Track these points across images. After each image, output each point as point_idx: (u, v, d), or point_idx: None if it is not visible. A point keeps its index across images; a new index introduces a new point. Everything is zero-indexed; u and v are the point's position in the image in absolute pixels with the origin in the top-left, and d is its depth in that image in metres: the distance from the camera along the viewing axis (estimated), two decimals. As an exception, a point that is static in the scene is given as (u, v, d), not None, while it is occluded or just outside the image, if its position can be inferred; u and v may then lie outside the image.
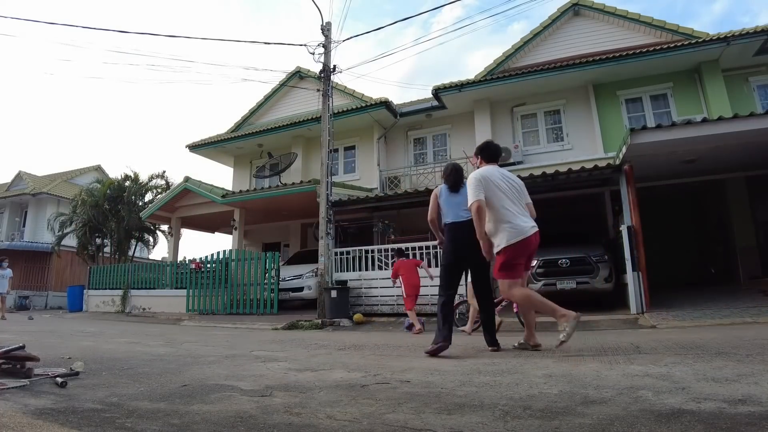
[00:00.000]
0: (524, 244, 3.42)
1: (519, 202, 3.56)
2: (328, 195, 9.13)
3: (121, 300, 12.53)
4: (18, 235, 21.04)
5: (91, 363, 3.12)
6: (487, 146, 3.85)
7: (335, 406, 1.94)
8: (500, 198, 3.47)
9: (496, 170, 3.65)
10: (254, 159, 14.83)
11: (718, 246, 11.05)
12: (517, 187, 3.64)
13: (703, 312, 6.28)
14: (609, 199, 9.71)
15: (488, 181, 3.51)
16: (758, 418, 1.55)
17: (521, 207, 3.55)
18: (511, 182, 3.63)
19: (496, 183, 3.52)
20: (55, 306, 18.06)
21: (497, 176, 3.58)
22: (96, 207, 15.53)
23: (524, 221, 3.46)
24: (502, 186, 3.53)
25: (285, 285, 10.42)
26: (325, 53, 9.50)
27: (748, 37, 9.20)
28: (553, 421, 1.62)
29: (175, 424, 1.66)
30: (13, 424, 1.65)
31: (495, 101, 11.68)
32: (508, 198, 3.49)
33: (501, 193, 3.48)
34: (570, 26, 11.68)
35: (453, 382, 2.42)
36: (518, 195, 3.60)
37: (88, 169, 23.74)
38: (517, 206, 3.51)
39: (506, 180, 3.61)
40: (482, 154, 3.81)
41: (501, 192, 3.49)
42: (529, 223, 3.47)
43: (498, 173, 3.62)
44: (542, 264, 7.92)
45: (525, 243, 3.42)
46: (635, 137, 6.82)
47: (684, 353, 3.24)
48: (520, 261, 3.49)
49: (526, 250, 3.48)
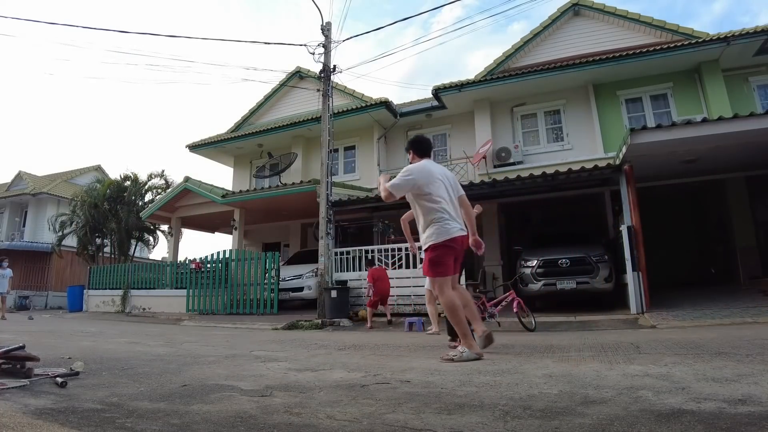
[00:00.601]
0: (451, 243, 3.36)
1: (454, 200, 3.49)
2: (328, 195, 9.13)
3: (121, 300, 12.53)
4: (18, 235, 21.05)
5: (91, 363, 3.12)
6: (419, 141, 3.73)
7: (335, 406, 1.94)
8: (438, 194, 3.39)
9: (433, 165, 3.56)
10: (254, 159, 14.83)
11: (718, 246, 11.05)
12: (452, 183, 3.56)
13: (703, 312, 6.29)
14: (609, 199, 9.71)
15: (428, 175, 3.42)
16: (758, 418, 1.55)
17: (455, 206, 3.48)
18: (447, 178, 3.54)
19: (437, 178, 3.45)
20: (55, 306, 18.07)
21: (437, 172, 3.50)
22: (96, 207, 15.53)
23: (454, 223, 3.40)
24: (442, 182, 3.46)
25: (285, 285, 10.42)
26: (325, 53, 9.50)
27: (748, 37, 9.20)
28: (553, 421, 1.62)
29: (175, 424, 1.66)
30: (13, 424, 1.65)
31: (495, 101, 11.68)
32: (443, 196, 3.41)
33: (439, 190, 3.41)
34: (570, 26, 11.68)
35: (453, 382, 2.42)
36: (453, 191, 3.53)
37: (88, 169, 23.74)
38: (451, 205, 3.45)
39: (443, 176, 3.52)
40: (414, 148, 3.70)
41: (439, 188, 3.41)
42: (457, 225, 3.42)
43: (436, 169, 3.53)
44: (542, 264, 7.92)
45: (452, 242, 3.36)
46: (635, 137, 6.82)
47: (684, 353, 3.24)
48: (449, 260, 3.41)
49: (453, 250, 3.41)
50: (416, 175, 3.42)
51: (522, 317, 6.01)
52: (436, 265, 3.38)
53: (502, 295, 6.46)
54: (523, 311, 6.01)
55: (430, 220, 3.40)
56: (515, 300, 6.02)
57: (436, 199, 3.38)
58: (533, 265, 7.97)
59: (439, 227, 3.34)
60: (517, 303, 5.98)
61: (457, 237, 3.37)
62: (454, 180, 3.62)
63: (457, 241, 3.38)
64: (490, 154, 11.17)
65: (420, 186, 3.40)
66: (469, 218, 3.68)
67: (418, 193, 3.42)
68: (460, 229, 3.43)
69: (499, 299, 6.22)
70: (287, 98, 15.22)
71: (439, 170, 3.55)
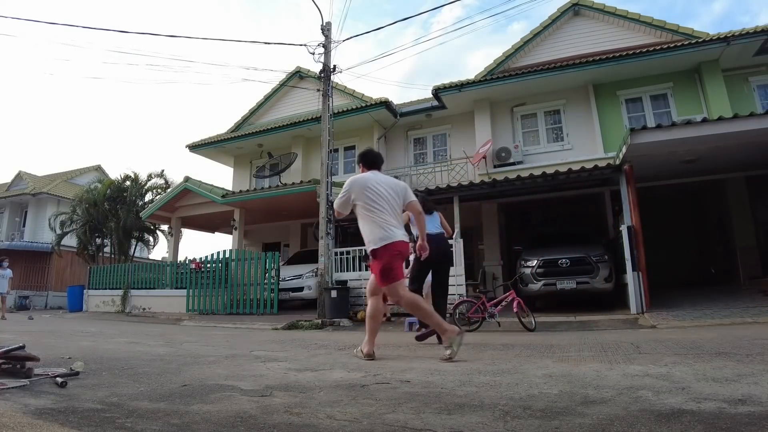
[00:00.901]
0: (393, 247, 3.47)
1: (394, 208, 3.59)
2: (328, 195, 9.12)
3: (121, 300, 12.53)
4: (18, 235, 21.05)
5: (91, 363, 3.12)
6: (365, 154, 3.93)
7: (335, 406, 1.94)
8: (372, 203, 3.53)
9: (374, 176, 3.70)
10: (254, 159, 14.83)
11: (718, 246, 11.05)
12: (398, 192, 3.67)
13: (703, 312, 6.29)
14: (609, 199, 9.72)
15: (362, 186, 3.58)
16: (758, 418, 1.55)
17: (394, 214, 3.58)
18: (390, 187, 3.65)
19: (372, 188, 3.57)
20: (55, 306, 18.06)
21: (373, 182, 3.62)
22: (95, 206, 15.53)
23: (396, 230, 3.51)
24: (378, 191, 3.57)
25: (285, 285, 10.42)
26: (325, 53, 9.50)
27: (748, 37, 9.20)
28: (553, 421, 1.62)
29: (175, 424, 1.66)
30: (13, 424, 1.65)
31: (495, 101, 11.68)
32: (380, 204, 3.54)
33: (373, 199, 3.54)
34: (570, 26, 11.68)
35: (453, 382, 2.42)
36: (396, 200, 3.63)
37: (88, 169, 23.74)
38: (389, 213, 3.55)
39: (384, 185, 3.64)
40: (362, 161, 3.90)
41: (374, 198, 3.54)
42: (399, 231, 3.53)
43: (375, 179, 3.67)
44: (542, 264, 7.92)
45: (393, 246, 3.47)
46: (635, 137, 6.82)
47: (684, 353, 3.24)
48: (397, 264, 3.52)
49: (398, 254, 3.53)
50: (351, 187, 3.62)
51: (522, 317, 6.01)
52: (387, 273, 3.48)
53: (502, 295, 6.46)
54: (523, 311, 6.01)
55: (369, 227, 3.53)
56: (515, 300, 6.02)
57: (373, 207, 3.52)
58: (533, 265, 7.97)
59: (380, 232, 3.47)
60: (517, 303, 5.98)
61: (398, 242, 3.47)
62: (402, 189, 3.73)
63: (398, 245, 3.48)
64: (490, 154, 11.17)
65: (356, 197, 3.58)
66: (419, 223, 3.80)
67: (357, 204, 3.61)
68: (403, 234, 3.55)
69: (499, 299, 6.22)
70: (287, 98, 15.22)
71: (380, 180, 3.67)
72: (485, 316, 6.08)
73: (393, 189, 3.66)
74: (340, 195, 3.67)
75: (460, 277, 8.17)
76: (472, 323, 6.26)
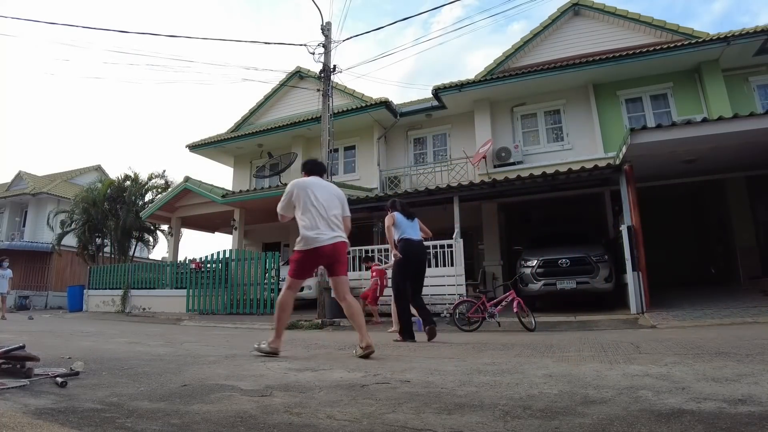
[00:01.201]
0: (315, 252, 3.65)
1: (328, 213, 3.73)
2: (328, 195, 9.12)
3: (121, 300, 12.53)
4: (18, 235, 21.04)
5: (91, 363, 3.12)
6: (306, 163, 4.19)
7: (335, 406, 1.94)
8: (307, 207, 3.71)
9: (313, 181, 3.89)
10: (254, 159, 14.83)
11: (718, 246, 11.05)
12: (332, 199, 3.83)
13: (703, 312, 6.29)
14: (609, 199, 9.72)
15: (300, 189, 3.78)
16: (758, 418, 1.55)
17: (327, 219, 3.72)
18: (327, 194, 3.82)
19: (308, 192, 3.75)
20: (55, 306, 18.06)
21: (312, 186, 3.81)
22: (95, 206, 15.52)
23: (322, 233, 3.64)
24: (315, 196, 3.74)
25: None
26: (325, 53, 9.50)
27: (748, 37, 9.20)
28: (553, 421, 1.62)
29: (175, 424, 1.66)
30: (13, 424, 1.65)
31: (495, 101, 11.68)
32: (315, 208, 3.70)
33: (309, 203, 3.72)
34: (570, 26, 11.69)
35: (453, 382, 2.42)
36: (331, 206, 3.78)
37: (88, 169, 23.75)
38: (323, 218, 3.70)
39: (322, 191, 3.81)
40: (303, 168, 4.17)
41: (310, 201, 3.72)
42: (326, 234, 3.66)
43: (315, 183, 3.86)
44: (542, 264, 7.93)
45: (315, 252, 3.65)
46: (635, 137, 6.82)
47: (684, 353, 3.24)
48: (305, 266, 3.75)
49: (318, 259, 3.74)
50: (292, 190, 3.81)
51: (522, 317, 6.01)
52: (294, 267, 3.74)
53: (502, 295, 6.47)
54: (523, 311, 6.01)
55: (301, 228, 3.72)
56: (515, 300, 6.02)
57: (305, 211, 3.71)
58: (533, 265, 7.97)
59: (305, 237, 3.66)
60: (517, 303, 5.98)
61: (319, 247, 3.63)
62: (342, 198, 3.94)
63: (320, 250, 3.64)
64: (490, 154, 11.18)
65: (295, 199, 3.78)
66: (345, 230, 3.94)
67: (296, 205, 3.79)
68: (330, 238, 3.66)
69: (499, 299, 6.22)
70: (287, 98, 15.23)
71: (319, 185, 3.86)
72: (485, 316, 6.08)
73: (331, 196, 3.85)
74: (283, 198, 3.84)
75: (460, 277, 8.18)
76: (472, 323, 6.27)
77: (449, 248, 8.32)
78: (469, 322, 6.28)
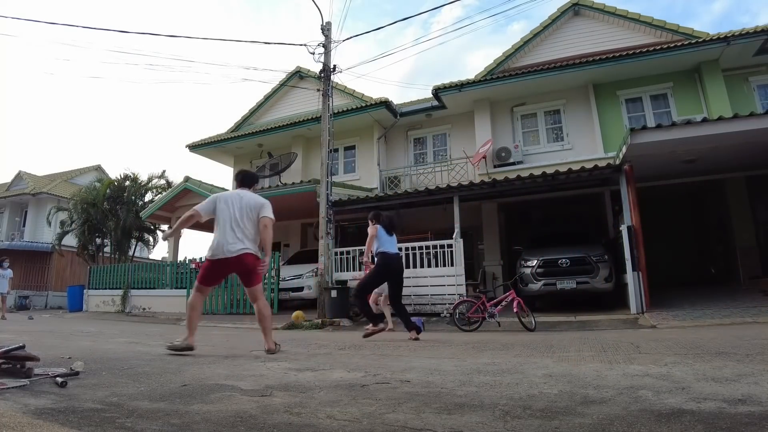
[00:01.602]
0: (219, 263, 3.88)
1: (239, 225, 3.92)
2: (328, 195, 9.13)
3: (121, 300, 12.53)
4: (18, 235, 21.04)
5: (91, 363, 3.12)
6: (236, 175, 4.47)
7: (335, 405, 1.94)
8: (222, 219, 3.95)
9: (234, 194, 4.11)
10: (254, 159, 14.82)
11: (718, 246, 11.05)
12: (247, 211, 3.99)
13: (703, 312, 6.29)
14: (609, 199, 9.72)
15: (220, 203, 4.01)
16: (758, 418, 1.55)
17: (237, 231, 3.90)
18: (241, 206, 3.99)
19: (224, 206, 3.98)
20: (55, 306, 18.05)
21: (230, 200, 4.02)
22: (94, 206, 15.51)
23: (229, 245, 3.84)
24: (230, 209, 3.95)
25: (285, 285, 10.42)
26: (325, 53, 9.50)
27: (748, 37, 9.20)
28: (553, 421, 1.62)
29: (175, 424, 1.66)
30: (13, 423, 1.65)
31: (495, 101, 11.68)
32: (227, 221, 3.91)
33: (223, 216, 3.94)
34: (570, 26, 11.68)
35: (453, 382, 2.42)
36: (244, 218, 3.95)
37: (88, 169, 23.73)
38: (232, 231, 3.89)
39: (239, 203, 3.99)
40: (235, 180, 4.41)
41: (224, 215, 3.94)
42: (234, 246, 3.84)
43: (230, 197, 4.07)
44: (542, 264, 7.92)
45: (220, 262, 3.88)
46: (635, 137, 6.82)
47: (684, 353, 3.24)
48: (210, 273, 3.99)
49: (224, 268, 3.98)
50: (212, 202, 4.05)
51: (522, 317, 6.01)
52: (201, 273, 4.02)
53: (502, 295, 6.47)
54: (523, 311, 6.01)
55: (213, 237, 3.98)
56: (515, 300, 6.02)
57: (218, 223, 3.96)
58: (533, 265, 7.97)
59: (212, 247, 3.92)
60: (517, 303, 5.98)
61: (223, 258, 3.84)
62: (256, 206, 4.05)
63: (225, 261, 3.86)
64: (490, 154, 11.17)
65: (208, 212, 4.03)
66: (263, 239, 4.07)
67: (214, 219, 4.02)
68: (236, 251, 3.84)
69: (499, 299, 6.22)
70: (287, 98, 15.21)
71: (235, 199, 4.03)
72: (485, 316, 6.08)
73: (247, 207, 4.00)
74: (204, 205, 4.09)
75: (460, 277, 8.18)
76: (472, 323, 6.26)
77: (449, 248, 8.32)
78: (469, 322, 6.28)
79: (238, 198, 4.04)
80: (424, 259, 8.57)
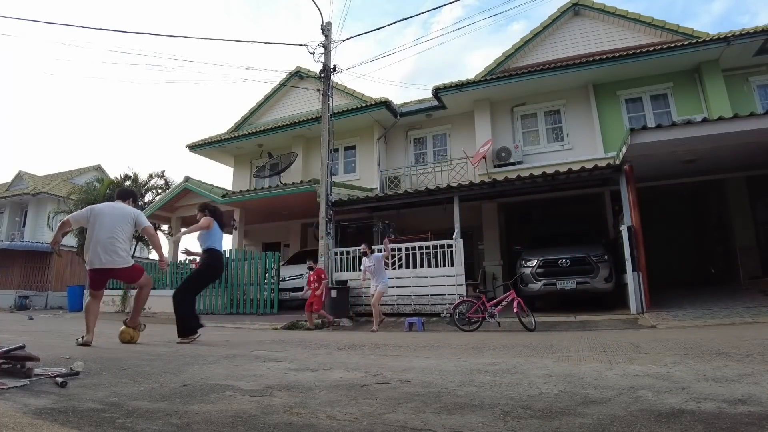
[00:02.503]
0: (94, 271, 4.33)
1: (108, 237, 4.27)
2: (328, 195, 9.13)
3: (122, 300, 12.52)
4: (18, 235, 21.03)
5: (91, 363, 3.12)
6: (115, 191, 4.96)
7: (335, 406, 1.94)
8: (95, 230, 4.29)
9: (104, 208, 4.48)
10: (254, 159, 14.83)
11: (718, 246, 11.05)
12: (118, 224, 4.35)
13: (703, 312, 6.29)
14: (609, 199, 9.72)
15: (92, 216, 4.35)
16: (758, 418, 1.55)
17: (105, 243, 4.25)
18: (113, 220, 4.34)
19: (95, 219, 4.31)
20: (55, 306, 18.04)
21: (101, 214, 4.37)
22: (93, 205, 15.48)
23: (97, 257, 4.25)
24: (100, 223, 4.29)
25: (285, 285, 10.42)
26: (325, 53, 9.51)
27: (748, 37, 9.20)
28: (553, 421, 1.62)
29: (175, 424, 1.66)
30: (13, 423, 1.65)
31: (495, 101, 11.68)
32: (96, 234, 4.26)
33: (93, 229, 4.29)
34: (570, 26, 11.68)
35: (453, 382, 2.42)
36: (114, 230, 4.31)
37: (88, 169, 23.72)
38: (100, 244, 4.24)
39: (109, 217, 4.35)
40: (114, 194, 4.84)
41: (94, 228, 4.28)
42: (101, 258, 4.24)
43: (103, 211, 4.40)
44: (542, 264, 7.93)
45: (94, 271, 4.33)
46: (635, 137, 6.82)
47: (684, 353, 3.24)
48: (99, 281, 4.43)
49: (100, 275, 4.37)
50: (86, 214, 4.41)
51: (522, 317, 6.02)
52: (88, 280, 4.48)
53: (502, 295, 6.47)
54: (523, 311, 6.02)
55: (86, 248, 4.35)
56: (515, 300, 6.03)
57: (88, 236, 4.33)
58: (533, 265, 7.97)
59: (86, 258, 4.39)
60: (517, 303, 5.99)
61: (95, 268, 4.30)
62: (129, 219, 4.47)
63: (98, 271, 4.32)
64: (490, 154, 11.18)
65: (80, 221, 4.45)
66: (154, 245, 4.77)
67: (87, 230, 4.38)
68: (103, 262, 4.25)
69: (499, 299, 6.23)
70: (287, 98, 15.22)
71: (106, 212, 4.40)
72: (485, 316, 6.09)
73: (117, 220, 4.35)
74: (79, 214, 4.47)
75: (460, 277, 8.18)
76: (472, 323, 6.27)
77: (449, 248, 8.33)
78: (469, 322, 6.29)
79: (110, 209, 4.43)
80: (424, 259, 8.57)
